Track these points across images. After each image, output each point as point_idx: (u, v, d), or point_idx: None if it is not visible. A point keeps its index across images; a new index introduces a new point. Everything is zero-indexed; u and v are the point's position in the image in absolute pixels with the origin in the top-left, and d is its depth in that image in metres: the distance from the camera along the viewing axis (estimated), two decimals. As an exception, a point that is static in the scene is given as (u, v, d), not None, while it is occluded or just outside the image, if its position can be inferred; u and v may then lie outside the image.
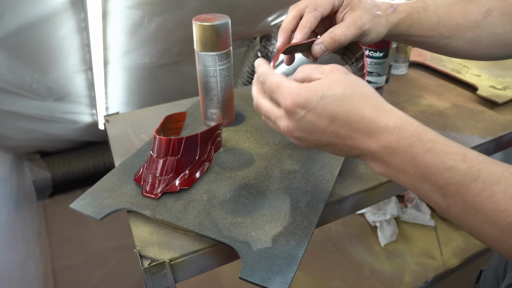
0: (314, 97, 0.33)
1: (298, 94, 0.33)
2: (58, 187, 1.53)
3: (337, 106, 0.33)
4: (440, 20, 0.47)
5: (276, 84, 0.36)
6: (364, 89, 0.34)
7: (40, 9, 0.85)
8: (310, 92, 0.33)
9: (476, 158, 0.30)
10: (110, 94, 1.29)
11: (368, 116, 0.33)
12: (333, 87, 0.33)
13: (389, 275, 1.00)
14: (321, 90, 0.33)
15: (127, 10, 0.96)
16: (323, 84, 0.33)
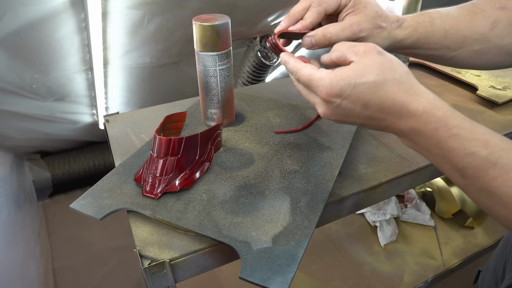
0: (348, 86, 0.35)
1: (331, 85, 0.35)
2: (58, 187, 1.53)
3: (370, 94, 0.35)
4: (447, 33, 0.47)
5: (308, 78, 0.38)
6: (397, 72, 0.35)
7: (40, 9, 0.85)
8: (343, 82, 0.35)
9: (498, 145, 0.32)
10: (110, 94, 1.29)
11: (399, 101, 0.34)
12: (366, 74, 0.34)
13: (389, 275, 1.00)
14: (354, 78, 0.34)
15: (127, 10, 0.96)
16: (356, 71, 0.35)
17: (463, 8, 0.49)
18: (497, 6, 0.48)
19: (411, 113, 0.34)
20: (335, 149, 0.56)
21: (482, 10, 0.48)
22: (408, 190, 1.18)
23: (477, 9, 0.48)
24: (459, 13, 0.48)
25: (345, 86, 0.35)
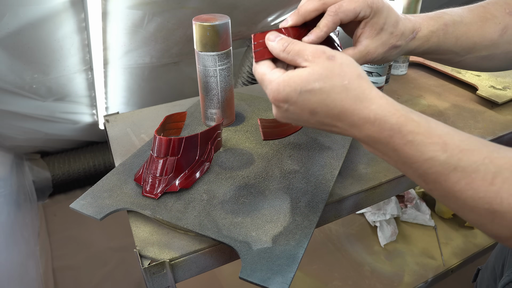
0: (293, 92, 0.34)
1: (278, 90, 0.35)
2: (58, 187, 1.53)
3: (316, 102, 0.34)
4: (458, 40, 0.46)
5: (261, 78, 0.37)
6: (346, 77, 0.34)
7: (40, 9, 0.85)
8: (289, 88, 0.34)
9: (458, 147, 0.31)
10: (110, 94, 1.29)
11: (349, 108, 0.33)
12: (312, 81, 0.33)
13: (389, 275, 1.00)
14: (300, 85, 0.34)
15: (127, 10, 0.96)
16: (302, 78, 0.34)
17: (474, 12, 0.48)
18: (507, 11, 0.47)
19: (363, 120, 0.33)
20: (335, 149, 0.56)
21: (493, 16, 0.47)
22: (408, 190, 1.18)
23: (488, 15, 0.47)
24: (471, 19, 0.47)
25: (291, 93, 0.34)
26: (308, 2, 0.41)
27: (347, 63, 0.34)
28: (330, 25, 0.40)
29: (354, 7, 0.40)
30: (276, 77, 0.35)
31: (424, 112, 0.71)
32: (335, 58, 0.34)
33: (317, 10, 0.41)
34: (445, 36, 0.46)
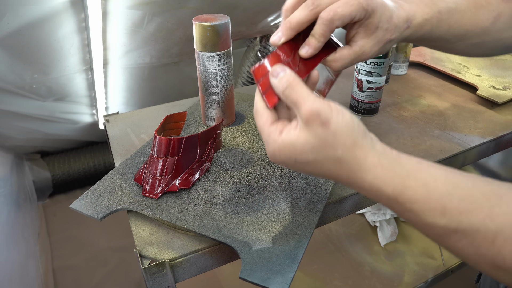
0: (289, 160, 0.34)
1: (274, 155, 0.35)
2: (58, 187, 1.54)
3: (313, 168, 0.34)
4: (450, 28, 0.45)
5: (259, 128, 0.36)
6: (339, 148, 0.32)
7: (40, 9, 0.85)
8: (284, 155, 0.34)
9: (457, 209, 0.30)
10: (110, 94, 1.29)
11: (344, 179, 0.34)
12: (305, 153, 0.33)
13: (389, 275, 1.00)
14: (294, 155, 0.34)
15: (127, 10, 0.96)
16: (296, 148, 0.33)
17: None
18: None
19: (359, 186, 0.33)
20: (335, 149, 0.56)
21: (488, 3, 0.46)
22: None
23: (482, 1, 0.46)
24: (465, 6, 0.46)
25: (286, 160, 0.34)
26: (299, 13, 0.38)
27: (341, 130, 0.32)
28: (326, 34, 0.38)
29: (349, 13, 0.37)
30: (272, 140, 0.35)
31: (424, 112, 0.72)
32: (329, 125, 0.32)
33: (310, 20, 0.38)
34: (438, 24, 0.44)
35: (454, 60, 0.91)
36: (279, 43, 0.38)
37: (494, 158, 1.41)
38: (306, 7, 0.37)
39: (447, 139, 0.63)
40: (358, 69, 0.67)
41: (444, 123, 0.68)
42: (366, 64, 0.65)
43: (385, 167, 0.32)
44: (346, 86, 0.81)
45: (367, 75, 0.66)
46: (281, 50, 0.38)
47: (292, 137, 0.33)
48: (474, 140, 0.63)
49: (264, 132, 0.36)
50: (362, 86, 0.68)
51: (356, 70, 0.68)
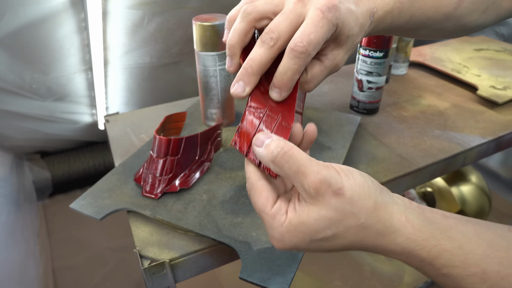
0: (302, 242, 0.29)
1: (283, 241, 0.30)
2: (58, 187, 1.53)
3: (332, 245, 0.29)
4: (412, 17, 0.42)
5: (260, 211, 0.31)
6: (361, 216, 0.28)
7: (40, 9, 0.85)
8: (295, 238, 0.29)
9: (498, 273, 0.27)
10: (110, 94, 1.29)
11: (370, 244, 0.29)
12: (321, 230, 0.28)
13: (389, 275, 1.00)
14: (308, 235, 0.29)
15: (127, 10, 0.96)
16: (309, 228, 0.29)
17: None
18: None
19: (388, 252, 0.29)
20: (335, 149, 0.56)
21: None
22: (408, 190, 1.18)
23: None
24: None
25: (299, 242, 0.29)
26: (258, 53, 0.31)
27: (357, 195, 0.29)
28: (301, 69, 0.31)
29: (323, 36, 0.31)
30: (278, 224, 0.29)
31: (424, 112, 0.71)
32: (344, 192, 0.28)
33: (274, 58, 0.32)
34: (399, 15, 0.41)
35: (454, 60, 0.91)
36: (244, 94, 0.32)
37: (494, 158, 1.41)
38: (264, 44, 0.31)
39: (447, 139, 0.63)
40: (358, 69, 0.67)
41: (444, 123, 0.68)
42: (366, 64, 0.65)
43: (415, 225, 0.29)
44: (346, 86, 0.81)
45: (367, 75, 0.66)
46: (252, 102, 0.33)
47: (302, 215, 0.29)
48: (474, 140, 0.63)
49: (266, 214, 0.30)
50: (362, 86, 0.67)
51: (356, 70, 0.68)
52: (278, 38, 0.31)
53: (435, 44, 1.02)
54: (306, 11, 0.31)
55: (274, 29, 0.31)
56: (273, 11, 0.32)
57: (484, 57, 0.93)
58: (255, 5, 0.32)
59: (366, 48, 0.64)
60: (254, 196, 0.31)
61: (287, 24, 0.31)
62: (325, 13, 0.30)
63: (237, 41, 0.33)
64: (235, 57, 0.34)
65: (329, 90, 0.80)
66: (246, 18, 0.32)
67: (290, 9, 0.31)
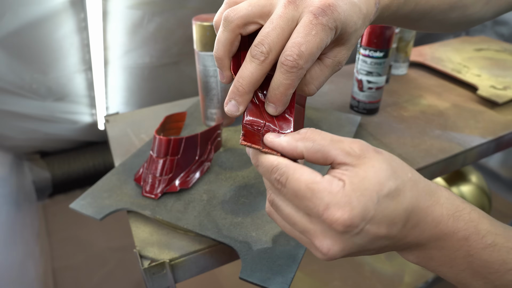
0: (370, 203, 0.25)
1: (351, 205, 0.24)
2: (58, 187, 1.53)
3: (395, 208, 0.26)
4: (416, 5, 0.40)
5: (307, 187, 0.25)
6: (407, 170, 0.27)
7: (40, 9, 0.85)
8: (363, 198, 0.25)
9: None
10: (110, 94, 1.29)
11: (423, 207, 0.27)
12: (385, 181, 0.25)
13: (389, 275, 1.00)
14: (375, 190, 0.25)
15: (127, 10, 0.96)
16: (372, 180, 0.25)
17: None
18: None
19: (437, 220, 0.27)
20: (335, 149, 0.56)
21: None
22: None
23: None
24: None
25: (367, 203, 0.25)
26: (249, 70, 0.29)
27: (393, 156, 0.28)
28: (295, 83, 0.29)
29: (317, 45, 0.27)
30: (339, 187, 0.25)
31: (424, 112, 0.71)
32: (382, 151, 0.27)
33: (266, 73, 0.29)
34: (405, 2, 0.38)
35: (454, 60, 0.91)
36: (238, 113, 0.30)
37: (494, 158, 1.41)
38: (254, 59, 0.28)
39: (448, 139, 0.63)
40: (358, 69, 0.67)
41: (445, 123, 0.68)
42: (366, 64, 0.65)
43: (450, 191, 0.28)
44: (346, 86, 0.81)
45: (367, 75, 0.66)
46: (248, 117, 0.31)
47: (359, 173, 0.26)
48: (475, 140, 0.63)
49: (319, 183, 0.25)
50: (362, 86, 0.67)
51: (356, 70, 0.68)
52: (269, 52, 0.27)
53: (435, 44, 1.02)
54: (298, 14, 0.27)
55: (264, 41, 0.27)
56: (259, 14, 0.28)
57: (484, 57, 0.93)
58: (237, 10, 0.28)
59: (366, 48, 0.64)
60: (295, 173, 0.26)
61: (278, 34, 0.27)
62: (319, 17, 0.27)
63: (223, 53, 0.30)
64: (225, 69, 0.31)
65: (329, 90, 0.80)
66: (228, 27, 0.29)
67: (279, 14, 0.27)
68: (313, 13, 0.27)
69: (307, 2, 0.27)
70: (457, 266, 0.27)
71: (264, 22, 0.28)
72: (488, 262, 0.26)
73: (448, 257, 0.27)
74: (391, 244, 0.27)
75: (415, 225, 0.27)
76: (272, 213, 0.30)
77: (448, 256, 0.27)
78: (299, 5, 0.27)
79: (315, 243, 0.26)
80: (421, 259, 0.28)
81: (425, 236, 0.27)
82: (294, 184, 0.26)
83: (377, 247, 0.27)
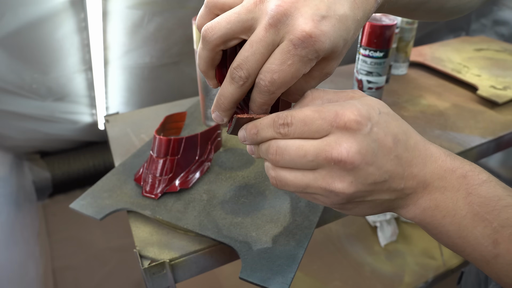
0: (373, 111, 0.27)
1: (356, 106, 0.26)
2: (58, 187, 1.53)
3: (396, 126, 0.28)
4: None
5: (314, 110, 0.26)
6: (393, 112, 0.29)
7: (40, 9, 0.85)
8: (367, 106, 0.27)
9: None
10: (110, 94, 1.29)
11: (421, 140, 0.28)
12: (384, 105, 0.28)
13: (389, 275, 1.00)
14: (376, 106, 0.27)
15: (127, 10, 0.96)
16: (372, 100, 0.28)
17: None
18: None
19: (436, 155, 0.28)
20: (335, 149, 0.56)
21: None
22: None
23: None
24: None
25: (371, 110, 0.27)
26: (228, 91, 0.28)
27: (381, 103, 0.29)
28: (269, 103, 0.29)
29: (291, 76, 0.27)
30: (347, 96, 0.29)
31: (424, 112, 0.71)
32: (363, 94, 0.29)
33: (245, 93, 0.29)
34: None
35: (454, 60, 0.91)
36: (223, 123, 0.32)
37: (494, 158, 1.41)
38: (233, 81, 0.28)
39: (448, 139, 0.63)
40: (358, 69, 0.67)
41: (445, 123, 0.68)
42: (366, 64, 0.65)
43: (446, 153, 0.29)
44: (346, 86, 0.81)
45: (367, 75, 0.66)
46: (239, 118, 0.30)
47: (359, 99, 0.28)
48: (475, 140, 0.63)
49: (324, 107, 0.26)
50: (362, 86, 0.67)
51: (356, 70, 0.68)
52: (248, 77, 0.27)
53: (435, 44, 1.02)
54: (279, 38, 0.26)
55: (243, 66, 0.27)
56: (240, 31, 0.27)
57: (484, 57, 0.93)
58: (215, 29, 0.27)
59: (366, 48, 0.64)
60: (298, 110, 0.27)
61: (257, 60, 0.26)
62: (298, 48, 0.25)
63: (205, 67, 0.30)
64: (211, 79, 0.31)
65: (329, 90, 0.80)
66: (207, 46, 0.28)
67: (260, 38, 0.26)
68: (292, 42, 0.25)
69: (289, 27, 0.25)
70: (459, 211, 0.27)
71: (246, 36, 0.27)
72: (486, 198, 0.27)
73: (451, 201, 0.27)
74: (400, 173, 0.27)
75: (416, 155, 0.28)
76: (279, 176, 0.29)
77: (450, 199, 0.27)
78: (280, 29, 0.26)
79: (333, 155, 0.25)
80: (427, 210, 0.28)
81: (428, 171, 0.28)
82: (301, 114, 0.26)
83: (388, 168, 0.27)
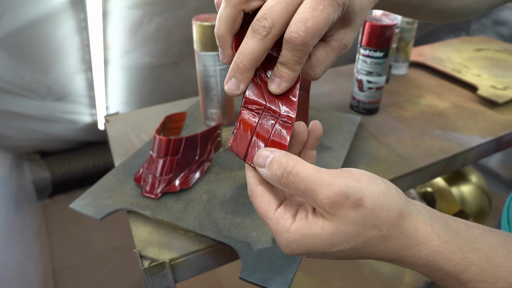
0: (312, 251, 0.27)
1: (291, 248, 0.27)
2: (58, 187, 1.53)
3: (348, 255, 0.27)
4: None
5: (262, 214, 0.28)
6: (383, 227, 0.25)
7: (40, 9, 0.85)
8: (305, 248, 0.26)
9: None
10: (110, 94, 1.29)
11: (389, 255, 0.27)
12: (338, 244, 0.26)
13: (389, 275, 1.00)
14: (321, 248, 0.26)
15: (127, 10, 0.96)
16: (323, 241, 0.26)
17: None
18: None
19: (409, 263, 0.27)
20: (335, 149, 0.56)
21: None
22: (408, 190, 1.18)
23: None
24: None
25: (310, 252, 0.27)
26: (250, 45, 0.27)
27: (380, 205, 0.25)
28: (303, 60, 0.28)
29: (324, 22, 0.26)
30: (283, 229, 0.27)
31: (424, 112, 0.71)
32: (364, 202, 0.25)
33: (268, 50, 0.28)
34: None
35: (454, 60, 0.91)
36: (238, 92, 0.29)
37: (494, 158, 1.41)
38: (255, 34, 0.26)
39: (448, 139, 0.63)
40: (358, 69, 0.67)
41: (445, 123, 0.68)
42: (366, 64, 0.65)
43: (441, 236, 0.26)
44: (346, 86, 0.81)
45: (367, 75, 0.66)
46: (248, 97, 0.29)
47: (314, 227, 0.26)
48: (475, 140, 0.63)
49: (269, 219, 0.27)
50: (362, 86, 0.67)
51: (356, 70, 0.68)
52: (272, 27, 0.26)
53: (435, 44, 1.02)
54: None
55: (267, 15, 0.26)
56: None
57: (484, 57, 0.93)
58: None
59: (366, 48, 0.64)
60: (256, 201, 0.28)
61: (281, 8, 0.25)
62: None
63: (225, 30, 0.28)
64: (227, 47, 0.29)
65: (329, 90, 0.80)
66: (230, 2, 0.27)
67: None
68: None
69: None
70: None
71: None
72: None
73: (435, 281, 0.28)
74: None
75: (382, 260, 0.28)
76: None
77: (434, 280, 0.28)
78: None
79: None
80: None
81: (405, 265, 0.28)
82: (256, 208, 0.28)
83: None
